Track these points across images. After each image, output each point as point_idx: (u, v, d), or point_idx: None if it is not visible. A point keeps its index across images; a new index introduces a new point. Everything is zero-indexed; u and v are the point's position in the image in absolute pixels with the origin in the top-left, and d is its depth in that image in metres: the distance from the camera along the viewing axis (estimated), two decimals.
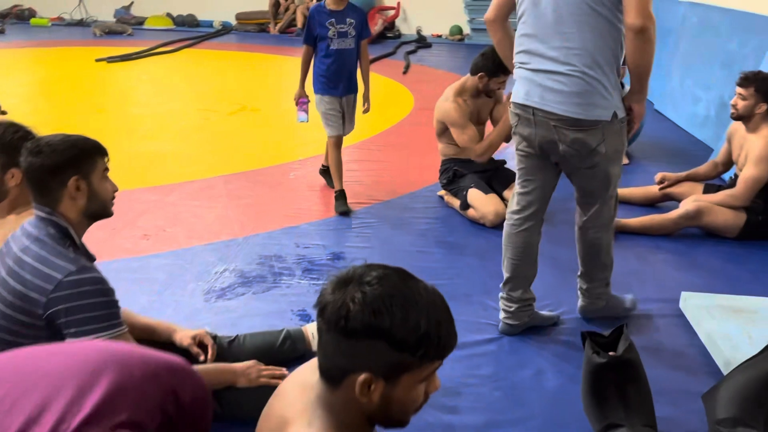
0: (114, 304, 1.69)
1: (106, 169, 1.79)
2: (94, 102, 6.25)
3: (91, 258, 1.80)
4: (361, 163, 4.54)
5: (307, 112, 3.91)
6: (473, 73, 3.60)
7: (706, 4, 5.63)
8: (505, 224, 2.55)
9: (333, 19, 3.63)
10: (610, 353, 1.94)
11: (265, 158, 4.67)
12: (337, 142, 3.80)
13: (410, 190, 4.07)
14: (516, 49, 2.36)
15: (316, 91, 3.79)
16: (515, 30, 2.39)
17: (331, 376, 1.09)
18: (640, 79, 2.24)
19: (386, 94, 6.79)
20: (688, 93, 5.55)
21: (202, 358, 2.07)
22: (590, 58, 2.17)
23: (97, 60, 7.75)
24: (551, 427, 2.08)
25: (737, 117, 3.43)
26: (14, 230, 1.80)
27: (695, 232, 3.49)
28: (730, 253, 3.31)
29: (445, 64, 8.85)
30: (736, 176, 3.55)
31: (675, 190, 3.70)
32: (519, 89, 2.35)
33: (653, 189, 3.85)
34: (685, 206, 3.44)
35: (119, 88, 7.04)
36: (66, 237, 1.72)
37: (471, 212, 3.57)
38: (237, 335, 2.29)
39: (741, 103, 3.38)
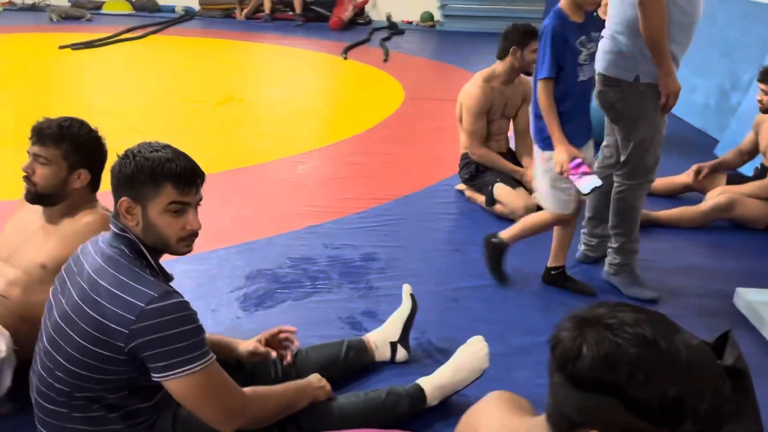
0: (200, 331, 1.48)
1: (182, 203, 1.50)
2: (68, 93, 5.84)
3: (169, 278, 1.58)
4: (366, 156, 4.36)
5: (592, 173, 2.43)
6: (502, 55, 3.47)
7: None
8: None
9: (583, 37, 2.42)
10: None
11: (265, 152, 4.43)
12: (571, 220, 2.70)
13: (425, 185, 3.91)
14: None
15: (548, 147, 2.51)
16: None
17: (557, 424, 0.93)
18: (653, 52, 2.37)
19: (373, 83, 6.61)
20: (684, 81, 5.53)
21: (274, 354, 1.88)
22: (621, 24, 2.44)
23: (61, 47, 7.27)
24: None
25: (765, 110, 3.41)
26: (77, 236, 1.59)
27: (723, 224, 3.46)
28: (763, 245, 3.28)
29: (423, 51, 8.71)
30: (763, 166, 3.54)
31: (700, 181, 3.66)
32: None
33: (676, 180, 3.81)
34: (716, 198, 3.40)
35: (91, 78, 6.61)
36: (141, 256, 1.50)
37: (498, 208, 3.45)
38: (299, 349, 2.10)
39: (765, 98, 3.36)
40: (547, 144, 2.47)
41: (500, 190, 3.43)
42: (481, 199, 3.56)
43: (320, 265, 2.91)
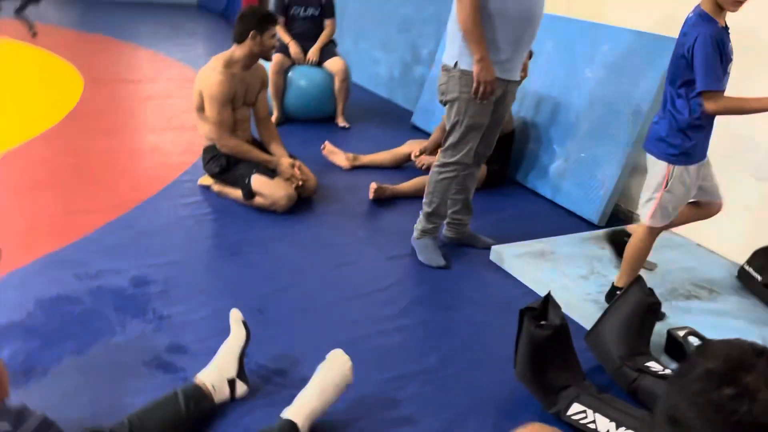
0: None
1: None
2: None
3: None
4: (70, 157, 3.69)
5: None
6: (240, 39, 3.24)
7: None
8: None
9: (730, 43, 2.21)
10: (542, 322, 2.08)
11: None
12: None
13: (162, 185, 3.49)
14: None
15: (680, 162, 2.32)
16: None
17: None
18: (466, 39, 2.53)
19: (36, 65, 5.57)
20: (367, 56, 5.95)
21: None
22: (452, 12, 2.59)
23: None
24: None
25: None
26: None
27: None
28: (486, 200, 3.77)
29: (72, 21, 7.63)
30: None
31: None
32: None
33: (399, 151, 4.11)
34: None
35: None
36: None
37: (258, 200, 3.27)
38: (124, 420, 1.72)
39: None
40: (679, 159, 2.29)
41: (258, 181, 3.25)
42: (236, 193, 3.32)
43: (85, 303, 2.39)
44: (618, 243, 3.02)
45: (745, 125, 3.08)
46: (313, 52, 4.70)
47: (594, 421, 1.95)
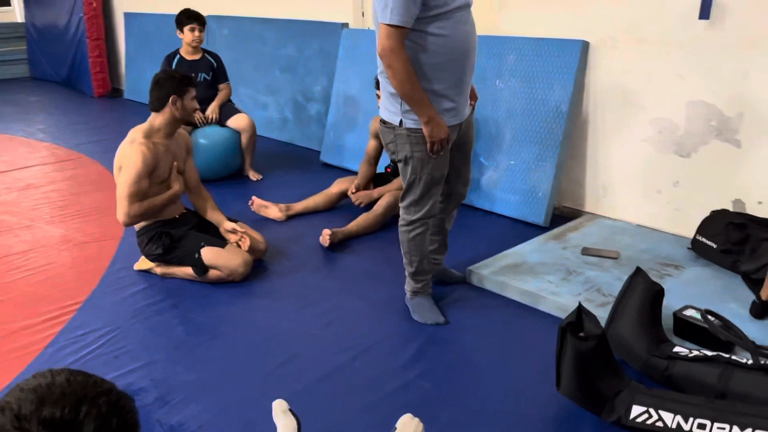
0: None
1: None
2: None
3: None
4: None
5: None
6: (159, 106, 3.00)
7: (236, 16, 5.88)
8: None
9: None
10: (582, 334, 2.09)
11: None
12: None
13: (96, 277, 3.12)
14: None
15: None
16: None
17: None
18: (406, 103, 2.32)
19: None
20: (253, 102, 5.76)
21: None
22: (380, 67, 2.37)
23: None
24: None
25: None
26: None
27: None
28: None
29: None
30: (394, 162, 4.00)
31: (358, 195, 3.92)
32: None
33: (331, 191, 4.00)
34: (385, 200, 3.70)
35: None
36: None
37: (213, 273, 3.01)
38: None
39: None
40: None
41: (210, 254, 2.99)
42: (185, 271, 3.05)
43: None
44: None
45: (663, 109, 3.34)
46: (212, 109, 4.48)
47: (660, 419, 1.98)
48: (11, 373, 2.37)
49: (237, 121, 4.50)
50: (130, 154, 2.93)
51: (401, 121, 2.39)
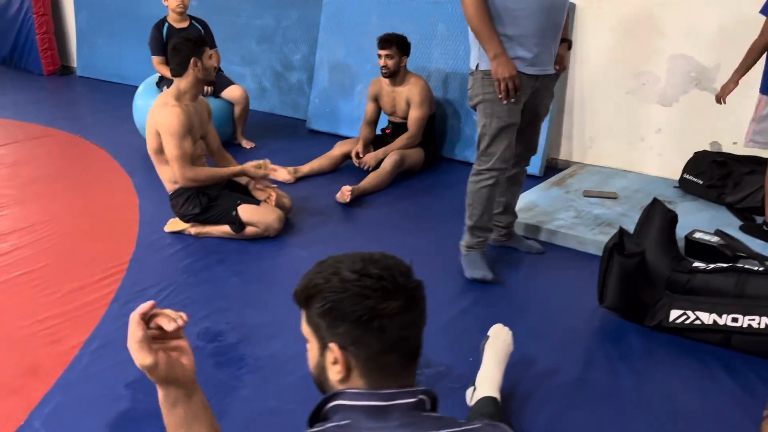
0: None
1: None
2: None
3: None
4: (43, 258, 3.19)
5: None
6: (181, 71, 3.07)
7: None
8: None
9: None
10: (626, 252, 2.38)
11: None
12: None
13: (132, 246, 3.16)
14: None
15: None
16: None
17: None
18: (477, 37, 2.47)
19: None
20: (233, 75, 5.77)
21: None
22: None
23: None
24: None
25: (390, 75, 4.02)
26: None
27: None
28: (435, 182, 4.00)
29: None
30: (391, 123, 4.21)
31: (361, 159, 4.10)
32: None
33: (333, 153, 4.16)
34: (391, 158, 3.91)
35: None
36: None
37: (250, 230, 3.14)
38: None
39: (390, 62, 3.97)
40: None
41: (247, 211, 3.12)
42: (220, 230, 3.16)
43: None
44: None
45: (646, 63, 3.69)
46: None
47: (697, 318, 2.31)
48: (86, 327, 2.45)
49: (231, 93, 4.56)
50: (167, 116, 2.99)
51: (477, 65, 2.51)
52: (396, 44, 3.97)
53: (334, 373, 1.02)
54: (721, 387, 2.13)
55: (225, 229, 3.16)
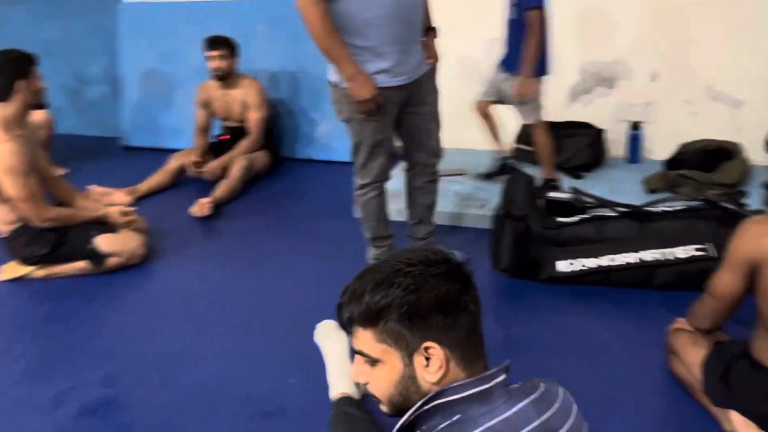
0: None
1: None
2: None
3: None
4: None
5: None
6: (5, 95, 2.69)
7: None
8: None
9: None
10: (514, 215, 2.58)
11: None
12: None
13: None
14: None
15: None
16: None
17: None
18: (326, 57, 2.25)
19: None
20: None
21: None
22: None
23: None
24: None
25: (221, 77, 3.85)
26: None
27: None
28: (282, 185, 3.93)
29: None
30: (225, 128, 4.04)
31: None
32: None
33: (170, 168, 3.89)
34: (240, 163, 3.75)
35: None
36: None
37: (113, 261, 2.82)
38: None
39: (223, 63, 3.80)
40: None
41: (105, 240, 2.80)
42: (75, 267, 2.79)
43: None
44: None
45: (468, 48, 3.96)
46: None
47: (582, 264, 2.58)
48: None
49: (32, 117, 3.99)
50: (0, 154, 2.56)
51: (339, 81, 2.28)
52: (226, 44, 3.82)
53: (431, 375, 0.98)
54: (618, 316, 2.40)
55: (80, 265, 2.81)
